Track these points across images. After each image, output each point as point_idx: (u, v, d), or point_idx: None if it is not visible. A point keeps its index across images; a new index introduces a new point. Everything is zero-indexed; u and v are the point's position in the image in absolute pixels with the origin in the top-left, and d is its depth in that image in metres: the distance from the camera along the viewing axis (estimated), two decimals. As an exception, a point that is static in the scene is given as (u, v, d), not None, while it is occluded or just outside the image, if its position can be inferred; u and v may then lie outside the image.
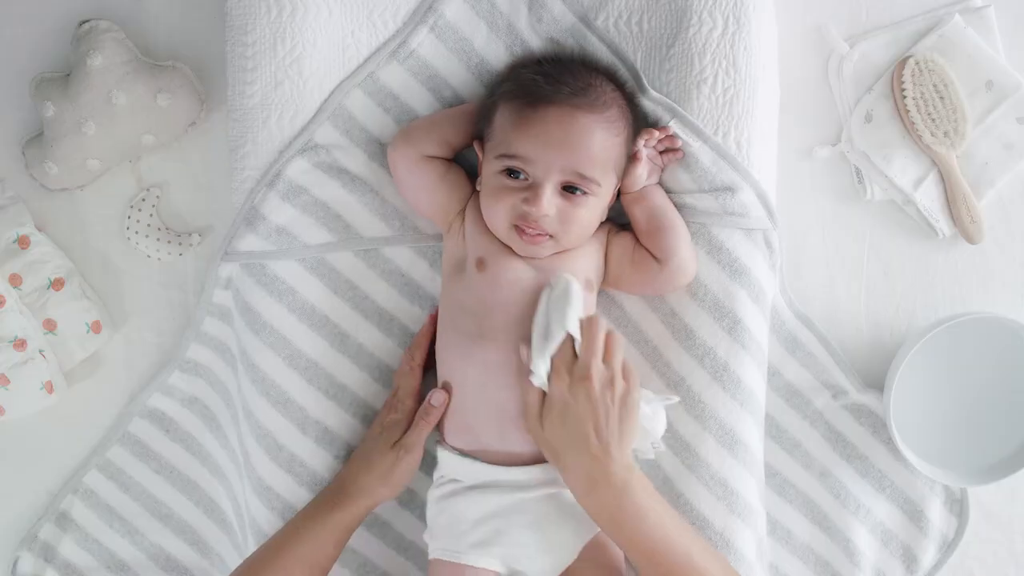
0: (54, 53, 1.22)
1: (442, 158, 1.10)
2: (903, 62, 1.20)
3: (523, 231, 1.03)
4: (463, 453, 1.06)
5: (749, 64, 1.10)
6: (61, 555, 1.25)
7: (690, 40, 1.10)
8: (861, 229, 1.25)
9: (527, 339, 1.01)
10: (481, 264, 1.06)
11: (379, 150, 1.14)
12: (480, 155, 1.09)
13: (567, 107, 1.01)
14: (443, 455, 1.08)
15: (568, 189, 1.03)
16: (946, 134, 1.20)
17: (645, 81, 1.11)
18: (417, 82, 1.14)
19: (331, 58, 1.11)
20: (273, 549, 1.04)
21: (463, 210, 1.10)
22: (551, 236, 1.04)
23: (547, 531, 1.03)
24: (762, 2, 1.11)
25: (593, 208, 1.05)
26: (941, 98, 1.20)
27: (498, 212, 1.04)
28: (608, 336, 1.01)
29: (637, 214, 1.10)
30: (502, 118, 1.04)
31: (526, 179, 1.03)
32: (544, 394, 0.99)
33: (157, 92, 1.16)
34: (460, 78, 1.14)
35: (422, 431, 1.07)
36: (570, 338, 0.99)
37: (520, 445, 1.04)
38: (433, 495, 1.09)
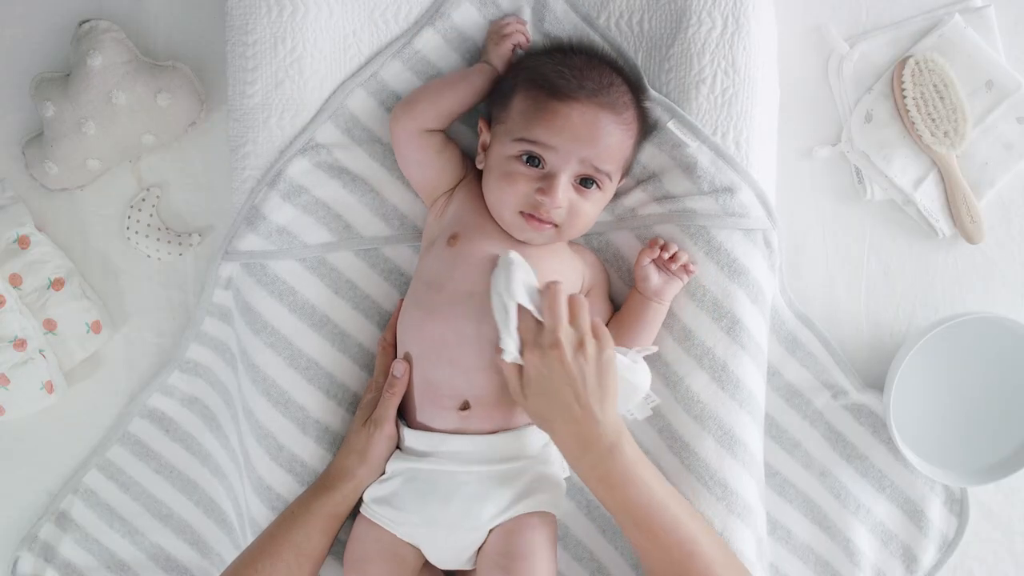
0: (54, 53, 1.22)
1: (441, 131, 1.10)
2: (903, 62, 1.20)
3: (531, 218, 1.04)
4: (400, 416, 1.10)
5: (748, 64, 1.10)
6: (61, 555, 1.25)
7: (689, 40, 1.10)
8: (861, 229, 1.25)
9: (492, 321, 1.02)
10: (453, 239, 1.07)
11: (381, 149, 1.14)
12: (483, 133, 1.09)
13: (592, 105, 1.02)
14: None
15: (583, 182, 1.03)
16: (946, 134, 1.20)
17: (645, 81, 1.11)
18: (420, 81, 1.14)
19: (332, 58, 1.12)
20: (266, 538, 1.05)
21: (451, 190, 1.11)
22: (556, 226, 1.05)
23: (429, 504, 1.03)
24: (762, 2, 1.12)
25: (598, 203, 1.06)
26: (941, 98, 1.20)
27: (508, 197, 1.04)
28: (571, 298, 1.01)
29: (635, 304, 1.10)
30: (523, 104, 1.04)
31: (542, 167, 1.03)
32: (521, 368, 1.00)
33: (157, 92, 1.16)
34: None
35: (387, 404, 1.07)
36: (535, 307, 1.00)
37: (431, 418, 1.06)
38: None
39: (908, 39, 1.22)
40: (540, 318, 0.99)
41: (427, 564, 1.08)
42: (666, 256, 1.08)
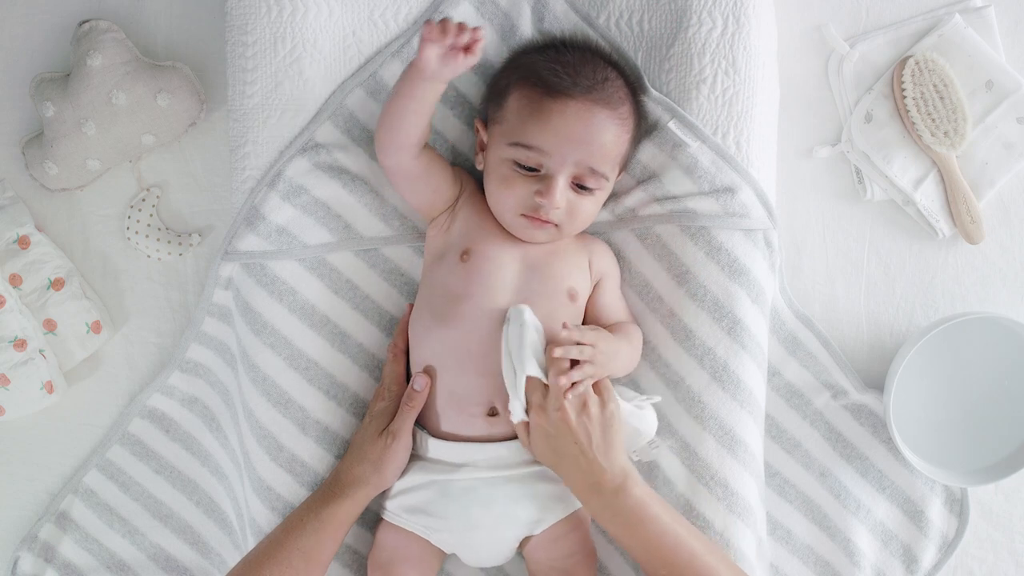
0: (54, 53, 1.22)
1: (421, 155, 1.08)
2: (903, 62, 1.20)
3: (532, 219, 1.05)
4: (417, 423, 1.10)
5: (749, 64, 1.10)
6: (61, 555, 1.25)
7: (690, 40, 1.10)
8: (861, 229, 1.25)
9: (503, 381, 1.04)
10: (466, 255, 1.07)
11: (380, 149, 1.14)
12: (480, 133, 1.09)
13: (586, 102, 1.02)
14: None
15: (579, 186, 1.04)
16: (946, 134, 1.20)
17: (646, 81, 1.11)
18: (419, 81, 1.14)
19: (332, 58, 1.12)
20: (272, 544, 1.04)
21: (452, 207, 1.11)
22: (556, 226, 1.06)
23: (471, 509, 1.05)
24: (762, 2, 1.12)
25: (598, 201, 1.07)
26: (941, 98, 1.20)
27: (507, 200, 1.05)
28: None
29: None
30: (517, 104, 1.04)
31: (538, 170, 1.03)
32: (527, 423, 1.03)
33: (157, 92, 1.16)
34: (462, 77, 1.14)
35: (406, 416, 1.08)
36: (542, 372, 1.02)
37: (458, 427, 1.07)
38: None
39: (908, 39, 1.22)
40: (546, 382, 1.02)
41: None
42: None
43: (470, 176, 1.14)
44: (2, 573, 1.26)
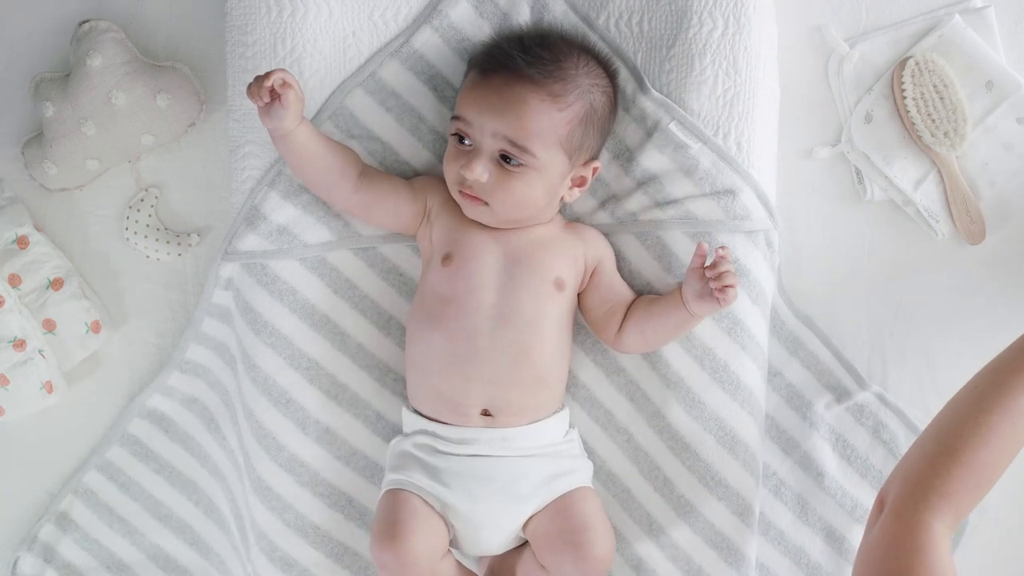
0: (54, 53, 1.22)
1: (370, 186, 1.10)
2: (903, 62, 1.21)
3: (463, 194, 1.06)
4: (420, 414, 1.10)
5: (749, 65, 1.10)
6: (61, 555, 1.25)
7: (690, 41, 1.10)
8: (861, 229, 1.25)
9: None
10: (447, 259, 1.08)
11: (380, 148, 1.14)
12: None
13: (511, 75, 1.03)
14: (405, 414, 1.11)
15: (505, 159, 1.04)
16: (946, 134, 1.20)
17: (647, 81, 1.11)
18: (419, 81, 1.14)
19: (332, 58, 1.12)
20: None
21: (426, 216, 1.12)
22: (486, 203, 1.06)
23: (472, 483, 1.04)
24: (762, 3, 1.12)
25: (532, 182, 1.05)
26: (941, 98, 1.20)
27: (448, 176, 1.08)
28: None
29: (669, 302, 1.08)
30: (464, 82, 1.08)
31: (469, 145, 1.05)
32: None
33: (157, 92, 1.16)
34: (461, 77, 1.14)
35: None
36: None
37: (456, 420, 1.06)
38: (394, 447, 1.11)
39: (908, 40, 1.22)
40: None
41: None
42: (710, 273, 1.02)
43: (440, 182, 1.13)
44: (2, 573, 1.26)
